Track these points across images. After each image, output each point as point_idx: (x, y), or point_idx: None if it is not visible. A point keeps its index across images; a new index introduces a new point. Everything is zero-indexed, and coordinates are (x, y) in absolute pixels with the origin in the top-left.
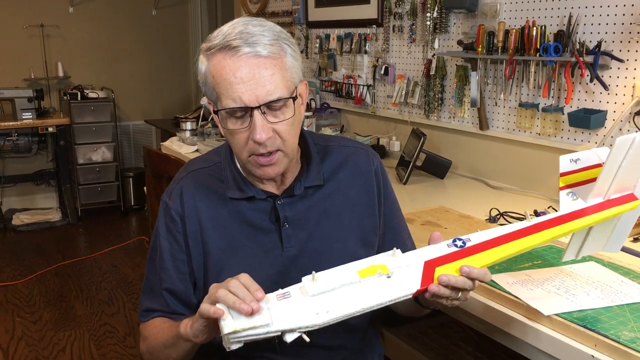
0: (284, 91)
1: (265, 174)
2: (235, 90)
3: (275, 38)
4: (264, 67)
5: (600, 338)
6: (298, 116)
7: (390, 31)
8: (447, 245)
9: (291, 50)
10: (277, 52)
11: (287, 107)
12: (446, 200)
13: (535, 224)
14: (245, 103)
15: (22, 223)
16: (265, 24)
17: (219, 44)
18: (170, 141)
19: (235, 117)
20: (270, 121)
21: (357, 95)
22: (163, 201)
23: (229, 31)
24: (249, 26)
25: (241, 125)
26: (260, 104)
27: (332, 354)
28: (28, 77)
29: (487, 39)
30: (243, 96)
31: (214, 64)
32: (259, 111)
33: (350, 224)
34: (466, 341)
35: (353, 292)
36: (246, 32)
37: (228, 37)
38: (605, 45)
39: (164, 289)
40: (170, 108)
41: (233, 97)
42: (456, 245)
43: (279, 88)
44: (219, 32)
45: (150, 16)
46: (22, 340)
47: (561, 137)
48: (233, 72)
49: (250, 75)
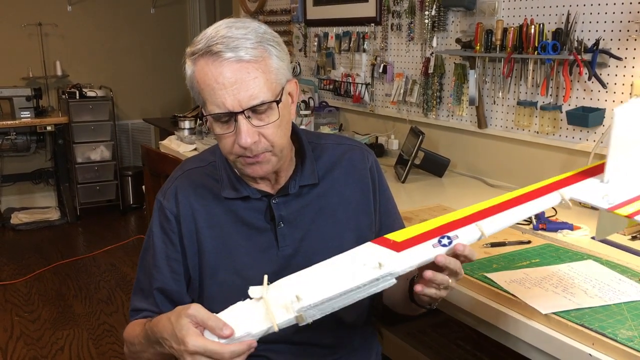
0: (267, 95)
1: (254, 172)
2: (219, 96)
3: (259, 40)
4: (247, 71)
5: (598, 336)
6: (286, 117)
7: (389, 29)
8: (433, 245)
9: (276, 51)
10: (260, 54)
11: (271, 110)
12: (444, 198)
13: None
14: (228, 108)
15: (20, 222)
16: (248, 25)
17: (202, 48)
18: (168, 140)
19: (221, 121)
20: (255, 125)
21: (355, 94)
22: (157, 200)
23: (212, 35)
24: (232, 29)
25: (227, 130)
26: (244, 109)
27: (329, 352)
28: (26, 75)
29: (485, 37)
30: (226, 102)
31: (198, 70)
32: (242, 116)
33: (346, 222)
34: (464, 340)
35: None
36: (229, 37)
37: (211, 41)
38: (604, 43)
39: (156, 289)
40: (168, 107)
41: (217, 102)
42: (444, 245)
43: (262, 92)
44: (203, 35)
45: (148, 15)
46: (21, 340)
47: (559, 135)
48: (215, 78)
49: (232, 80)
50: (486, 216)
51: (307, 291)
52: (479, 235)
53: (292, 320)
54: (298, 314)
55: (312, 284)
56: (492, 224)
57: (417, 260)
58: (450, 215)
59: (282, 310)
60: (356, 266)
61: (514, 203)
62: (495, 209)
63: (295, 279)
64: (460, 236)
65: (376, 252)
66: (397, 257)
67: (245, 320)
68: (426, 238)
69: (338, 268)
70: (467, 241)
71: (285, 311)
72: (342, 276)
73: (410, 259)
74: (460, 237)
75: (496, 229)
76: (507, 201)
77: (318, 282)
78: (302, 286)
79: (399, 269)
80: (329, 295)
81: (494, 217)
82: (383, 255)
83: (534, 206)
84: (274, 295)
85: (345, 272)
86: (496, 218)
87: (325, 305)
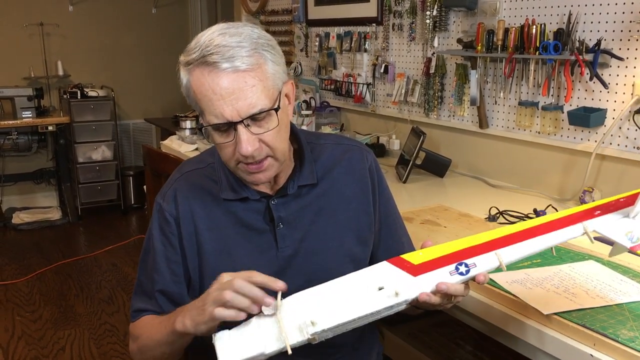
0: (265, 102)
1: (257, 180)
2: (217, 106)
3: (254, 47)
4: (244, 80)
5: (599, 337)
6: (285, 120)
7: (390, 29)
8: (450, 272)
9: (271, 55)
10: (256, 62)
11: (270, 117)
12: (446, 198)
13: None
14: (227, 118)
15: (22, 222)
16: (242, 31)
17: (196, 58)
18: (170, 140)
19: (220, 131)
20: (254, 133)
21: (356, 94)
22: (157, 203)
23: (206, 43)
24: (227, 36)
25: (227, 139)
26: (243, 118)
27: (330, 352)
28: (28, 75)
29: (486, 37)
30: (225, 112)
31: (194, 80)
32: (242, 125)
33: (346, 222)
34: (466, 340)
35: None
36: (223, 45)
37: (205, 51)
38: (605, 43)
39: (157, 291)
40: (170, 107)
41: (215, 113)
42: (461, 273)
43: (260, 100)
44: (197, 44)
45: (150, 15)
46: (22, 339)
47: (561, 135)
48: (213, 89)
49: (230, 90)
50: (506, 244)
51: (322, 315)
52: (497, 265)
53: (305, 341)
54: (312, 337)
55: (327, 307)
56: (511, 254)
57: (432, 287)
58: (469, 239)
59: (295, 332)
60: (372, 290)
61: (535, 232)
62: (516, 237)
63: (309, 295)
64: (478, 265)
65: (392, 274)
66: (413, 283)
67: (258, 338)
68: (444, 263)
69: (354, 290)
70: (484, 269)
71: (299, 333)
72: (358, 301)
73: (426, 285)
74: (479, 266)
75: (515, 259)
76: (528, 229)
77: (333, 305)
78: (316, 308)
79: (414, 296)
80: (344, 320)
81: (514, 246)
82: (399, 280)
83: (556, 237)
84: (288, 312)
85: (361, 296)
86: (516, 247)
87: (339, 329)
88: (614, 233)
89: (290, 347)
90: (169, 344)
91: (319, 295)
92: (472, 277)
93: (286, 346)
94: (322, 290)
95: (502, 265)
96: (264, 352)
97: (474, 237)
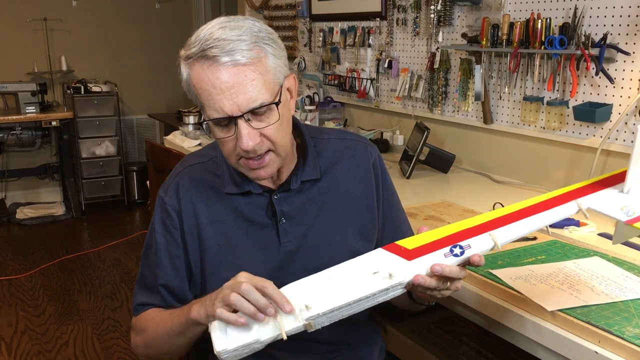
0: (266, 96)
1: (259, 176)
2: (217, 100)
3: (254, 41)
4: (244, 74)
5: (604, 334)
6: (286, 115)
7: (394, 24)
8: (444, 255)
9: (272, 49)
10: (256, 55)
11: (271, 111)
12: (450, 194)
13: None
14: (227, 113)
15: (25, 217)
16: (242, 24)
17: (196, 52)
18: (173, 135)
19: (221, 125)
20: (255, 127)
21: (360, 89)
22: (159, 197)
23: (206, 37)
24: (227, 30)
25: (227, 134)
26: (243, 112)
27: (333, 349)
28: (31, 71)
29: (491, 32)
30: (225, 106)
31: (194, 74)
32: (242, 119)
33: (349, 217)
34: (469, 336)
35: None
36: (223, 39)
37: (205, 45)
38: (611, 37)
39: (160, 285)
40: (173, 102)
41: (215, 107)
42: (455, 255)
43: (261, 94)
44: (197, 38)
45: (153, 10)
46: (26, 334)
47: (566, 130)
48: (212, 83)
49: (230, 84)
50: (500, 225)
51: (317, 299)
52: (492, 246)
53: (301, 328)
54: (307, 322)
55: (321, 292)
56: (505, 234)
57: (427, 270)
58: (463, 223)
59: (290, 318)
60: (366, 275)
61: (529, 212)
62: (510, 218)
63: (304, 284)
64: (472, 246)
65: (387, 259)
66: (408, 266)
67: (254, 326)
68: (438, 246)
69: (348, 276)
70: (480, 251)
71: (294, 319)
72: (352, 285)
73: (421, 268)
74: (473, 247)
75: (510, 239)
76: (522, 210)
77: (328, 290)
78: (311, 293)
79: (409, 279)
80: (339, 304)
81: (507, 227)
82: (394, 264)
83: (550, 216)
84: None
85: (355, 280)
86: (510, 228)
87: (335, 314)
88: (609, 209)
89: (285, 334)
90: (181, 335)
91: (314, 282)
92: (467, 258)
93: (281, 333)
94: (318, 278)
95: (497, 246)
96: (259, 339)
97: (468, 220)
